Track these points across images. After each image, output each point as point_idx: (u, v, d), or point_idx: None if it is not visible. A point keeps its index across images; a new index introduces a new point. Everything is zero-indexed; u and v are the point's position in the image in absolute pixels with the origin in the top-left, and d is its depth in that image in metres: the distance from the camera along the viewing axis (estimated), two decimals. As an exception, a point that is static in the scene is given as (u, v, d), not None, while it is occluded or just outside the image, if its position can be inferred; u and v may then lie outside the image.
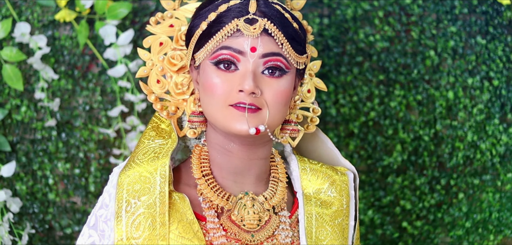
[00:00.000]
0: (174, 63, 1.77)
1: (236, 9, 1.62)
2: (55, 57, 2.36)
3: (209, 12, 1.64)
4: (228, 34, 1.60)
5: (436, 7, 2.39)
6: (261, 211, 1.68)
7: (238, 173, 1.69)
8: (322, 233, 1.70)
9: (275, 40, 1.60)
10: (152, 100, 1.77)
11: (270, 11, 1.62)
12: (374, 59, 2.40)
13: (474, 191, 2.44)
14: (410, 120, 2.42)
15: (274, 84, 1.61)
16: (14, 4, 2.33)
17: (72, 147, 2.39)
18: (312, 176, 1.76)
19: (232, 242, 1.65)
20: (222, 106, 1.60)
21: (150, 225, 1.61)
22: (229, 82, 1.60)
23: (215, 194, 1.66)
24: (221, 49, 1.61)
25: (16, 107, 2.36)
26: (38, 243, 2.39)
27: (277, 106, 1.62)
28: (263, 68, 1.61)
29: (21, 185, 2.38)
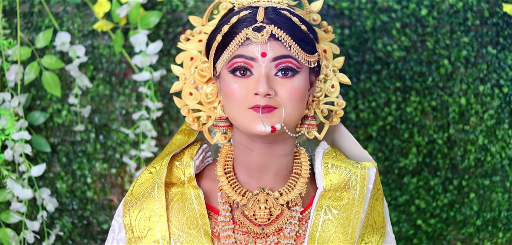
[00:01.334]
0: (203, 75, 1.84)
1: (246, 19, 1.69)
2: (94, 64, 2.42)
3: (223, 25, 1.72)
4: (239, 43, 1.67)
5: (450, 19, 2.40)
6: (274, 206, 1.73)
7: (258, 170, 1.77)
8: (329, 231, 1.71)
9: (283, 43, 1.67)
10: (185, 113, 1.84)
11: (277, 17, 1.69)
12: (392, 68, 2.42)
13: (484, 191, 2.45)
14: (425, 124, 2.43)
15: (287, 84, 1.68)
16: (56, 15, 2.41)
17: (109, 148, 2.45)
18: (332, 171, 1.78)
19: (239, 234, 1.72)
20: (242, 109, 1.68)
21: (150, 218, 1.73)
22: (245, 87, 1.68)
23: (233, 190, 1.75)
24: (235, 58, 1.68)
25: (58, 111, 2.43)
26: (77, 238, 2.47)
27: (292, 104, 1.68)
28: (275, 70, 1.68)
29: (61, 183, 2.46)
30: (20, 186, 2.32)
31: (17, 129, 2.31)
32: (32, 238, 2.35)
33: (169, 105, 2.43)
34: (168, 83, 2.42)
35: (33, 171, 2.33)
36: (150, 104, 2.38)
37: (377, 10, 2.42)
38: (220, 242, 1.72)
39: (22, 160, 2.35)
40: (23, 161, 2.34)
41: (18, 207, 2.34)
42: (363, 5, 2.42)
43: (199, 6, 2.41)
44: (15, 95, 2.35)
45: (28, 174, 2.35)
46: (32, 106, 2.43)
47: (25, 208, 2.34)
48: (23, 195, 2.32)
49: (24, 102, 2.39)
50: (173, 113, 2.44)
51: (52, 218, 2.46)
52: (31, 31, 2.41)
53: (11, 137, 2.28)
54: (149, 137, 2.41)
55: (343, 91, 2.44)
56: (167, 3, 2.41)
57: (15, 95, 2.34)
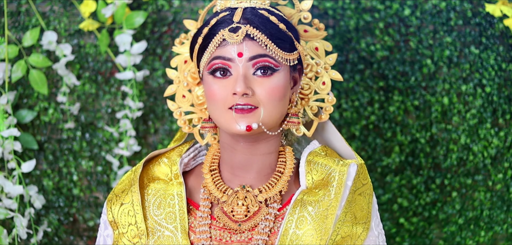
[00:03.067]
0: (195, 77, 1.87)
1: (224, 21, 1.71)
2: (81, 63, 2.44)
3: (203, 27, 1.74)
4: (217, 44, 1.69)
5: (433, 19, 2.41)
6: (252, 202, 1.76)
7: (241, 168, 1.79)
8: (303, 228, 1.70)
9: (259, 43, 1.68)
10: (177, 116, 1.89)
11: (253, 17, 1.70)
12: (375, 67, 2.42)
13: (466, 190, 2.46)
14: (407, 124, 2.44)
15: (265, 83, 1.69)
16: (43, 14, 2.43)
17: (95, 146, 2.47)
18: (315, 169, 1.78)
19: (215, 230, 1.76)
20: (222, 110, 1.71)
21: (128, 213, 1.77)
22: (225, 88, 1.70)
23: (215, 187, 1.79)
24: (214, 59, 1.70)
25: (44, 110, 2.46)
26: (63, 235, 2.49)
27: (271, 103, 1.69)
28: (253, 70, 1.69)
29: (48, 181, 2.48)
30: (10, 183, 2.34)
31: (7, 126, 2.33)
32: (24, 235, 2.37)
33: (155, 104, 2.45)
34: (153, 82, 2.45)
35: (24, 167, 2.35)
36: (131, 103, 2.40)
37: (360, 10, 2.43)
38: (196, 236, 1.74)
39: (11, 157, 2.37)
40: (12, 158, 2.37)
41: (9, 203, 2.36)
42: (347, 5, 2.43)
43: (184, 6, 2.44)
44: (3, 93, 2.37)
45: (18, 171, 2.37)
46: (20, 104, 2.46)
47: (16, 205, 2.36)
48: (14, 192, 2.34)
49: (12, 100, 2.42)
50: (158, 112, 2.47)
51: (39, 215, 2.49)
52: (19, 30, 2.43)
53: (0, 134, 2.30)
54: (127, 136, 2.43)
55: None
56: (152, 3, 2.43)
57: (4, 93, 2.37)
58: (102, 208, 2.44)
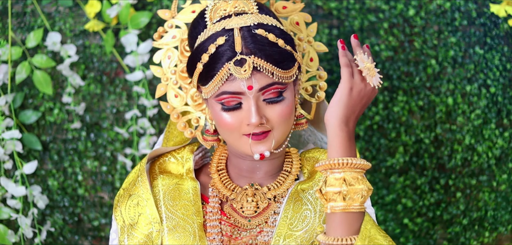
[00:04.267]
0: (185, 77, 1.84)
1: (225, 52, 1.67)
2: (86, 64, 2.45)
3: (201, 52, 1.70)
4: (224, 80, 1.67)
5: (437, 19, 2.42)
6: (261, 199, 1.78)
7: (249, 171, 1.83)
8: (300, 210, 1.73)
9: (266, 73, 1.66)
10: (175, 119, 1.86)
11: (255, 44, 1.67)
12: (379, 67, 2.42)
13: (471, 191, 2.46)
14: (412, 124, 2.44)
15: (276, 107, 1.70)
16: (49, 15, 2.44)
17: (100, 146, 2.48)
18: (308, 163, 1.83)
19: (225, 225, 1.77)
20: (236, 136, 1.72)
21: (138, 204, 1.77)
22: (237, 118, 1.70)
23: (223, 185, 1.81)
24: (222, 94, 1.68)
25: (49, 110, 2.47)
26: (68, 234, 2.51)
27: (283, 124, 1.72)
28: (263, 97, 1.69)
29: (53, 180, 2.49)
30: (13, 184, 2.35)
31: (3, 128, 2.34)
32: (30, 233, 2.39)
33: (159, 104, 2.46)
34: (158, 81, 2.45)
35: (25, 168, 2.37)
36: (145, 102, 2.41)
37: (365, 11, 2.43)
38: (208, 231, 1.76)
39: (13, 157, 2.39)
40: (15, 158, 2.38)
41: (14, 204, 2.38)
42: (351, 6, 2.43)
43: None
44: (2, 94, 2.38)
45: (20, 171, 2.38)
46: (25, 105, 2.47)
47: (20, 205, 2.37)
48: (17, 192, 2.36)
49: (16, 101, 2.43)
50: (162, 112, 2.48)
51: (43, 214, 2.50)
52: (24, 31, 2.44)
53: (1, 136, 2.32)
54: (148, 134, 2.44)
55: (331, 91, 2.46)
56: (157, 3, 2.44)
57: (2, 94, 2.38)
58: (107, 208, 2.50)
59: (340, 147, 1.60)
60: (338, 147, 1.60)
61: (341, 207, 1.58)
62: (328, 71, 2.45)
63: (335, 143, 1.60)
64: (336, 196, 1.58)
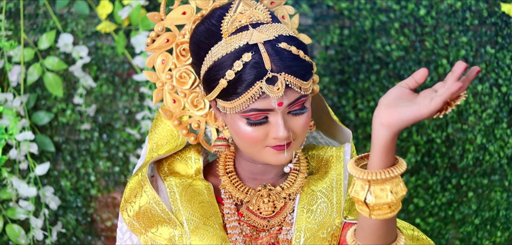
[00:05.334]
0: (183, 82, 1.82)
1: (253, 68, 1.65)
2: (98, 65, 2.47)
3: (225, 68, 1.67)
4: (254, 98, 1.65)
5: (448, 19, 2.42)
6: (277, 199, 1.80)
7: (259, 173, 1.83)
8: (315, 204, 1.77)
9: (294, 89, 1.66)
10: (175, 126, 1.84)
11: (282, 60, 1.66)
12: (390, 67, 2.43)
13: (483, 190, 2.46)
14: (423, 124, 2.44)
15: (299, 119, 1.71)
16: (61, 17, 2.46)
17: (112, 147, 2.49)
18: (311, 159, 1.87)
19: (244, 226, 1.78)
20: (259, 149, 1.72)
21: (152, 210, 1.74)
22: (263, 132, 1.70)
23: (235, 188, 1.81)
24: (251, 111, 1.67)
25: (62, 111, 2.48)
26: (81, 235, 2.52)
27: (304, 132, 1.74)
28: (288, 110, 1.70)
29: (66, 181, 2.50)
30: (26, 185, 2.37)
31: (19, 129, 2.36)
32: (41, 235, 2.41)
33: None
34: (169, 83, 2.46)
35: (38, 169, 2.39)
36: (151, 104, 2.42)
37: (376, 10, 2.44)
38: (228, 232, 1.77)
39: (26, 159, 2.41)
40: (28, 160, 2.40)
41: (25, 205, 2.39)
42: (362, 6, 2.43)
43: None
44: (17, 95, 2.39)
45: (33, 173, 2.40)
46: (38, 106, 2.48)
47: (32, 206, 2.39)
48: (28, 193, 2.37)
49: (29, 103, 2.45)
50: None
51: (56, 215, 2.51)
52: (37, 33, 2.46)
53: (14, 137, 2.33)
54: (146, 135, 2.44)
55: (342, 91, 2.46)
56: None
57: (17, 95, 2.39)
58: (119, 208, 2.47)
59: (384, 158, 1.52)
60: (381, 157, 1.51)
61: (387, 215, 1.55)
62: (339, 72, 2.45)
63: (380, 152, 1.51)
64: (384, 206, 1.54)
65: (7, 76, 2.40)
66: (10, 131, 2.33)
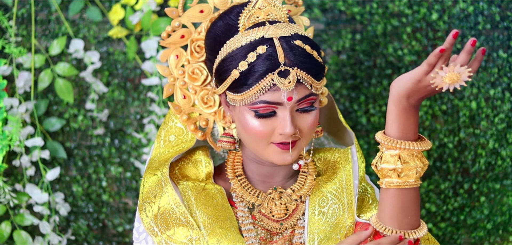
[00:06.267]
0: (195, 78, 1.84)
1: (266, 60, 1.67)
2: (110, 70, 2.47)
3: (238, 59, 1.69)
4: (265, 89, 1.67)
5: (460, 23, 2.41)
6: (289, 201, 1.81)
7: (268, 175, 1.84)
8: (326, 205, 1.79)
9: (305, 85, 1.68)
10: (184, 121, 1.85)
11: (296, 56, 1.68)
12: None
13: (495, 195, 2.46)
14: (435, 128, 2.44)
15: (307, 118, 1.73)
16: (73, 22, 2.45)
17: (124, 152, 2.50)
18: (317, 161, 1.89)
19: (258, 229, 1.79)
20: (263, 144, 1.73)
21: (171, 211, 1.74)
22: (269, 126, 1.71)
23: (246, 192, 1.81)
24: (260, 103, 1.68)
25: (74, 116, 2.48)
26: (93, 240, 2.52)
27: (311, 133, 1.75)
28: (297, 107, 1.71)
29: (77, 187, 2.51)
30: (39, 190, 2.37)
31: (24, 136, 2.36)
32: (55, 240, 2.42)
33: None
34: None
35: (48, 175, 2.39)
36: (157, 109, 2.42)
37: (388, 15, 2.43)
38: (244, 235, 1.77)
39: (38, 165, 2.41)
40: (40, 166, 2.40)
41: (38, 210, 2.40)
42: (374, 10, 2.43)
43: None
44: (23, 101, 2.39)
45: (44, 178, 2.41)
46: (50, 112, 2.48)
47: (46, 211, 2.39)
48: (41, 199, 2.37)
49: (40, 109, 2.45)
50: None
51: (68, 221, 2.52)
52: (49, 38, 2.45)
53: (23, 143, 2.33)
54: (152, 142, 2.44)
55: (354, 96, 2.46)
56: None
57: (23, 101, 2.39)
58: (131, 214, 2.51)
59: (396, 120, 1.62)
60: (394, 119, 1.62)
61: (396, 184, 1.63)
62: (351, 77, 2.45)
63: (392, 113, 1.62)
64: (391, 172, 1.62)
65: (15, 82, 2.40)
66: (10, 136, 2.33)
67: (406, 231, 1.66)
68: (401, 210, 1.65)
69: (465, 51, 1.56)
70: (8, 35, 2.41)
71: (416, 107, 1.63)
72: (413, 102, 1.61)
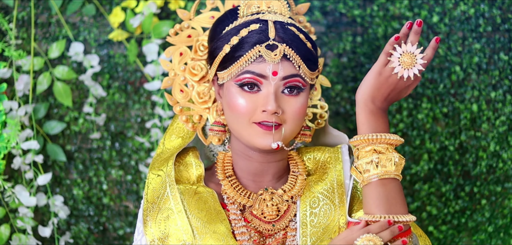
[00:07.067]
0: (195, 74, 1.89)
1: (257, 35, 1.72)
2: (110, 73, 2.47)
3: (231, 35, 1.75)
4: (251, 59, 1.71)
5: (461, 25, 2.42)
6: (280, 202, 1.81)
7: (257, 174, 1.84)
8: (317, 206, 1.79)
9: (293, 63, 1.71)
10: (177, 111, 1.90)
11: (287, 35, 1.73)
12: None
13: (496, 198, 2.46)
14: (436, 131, 2.45)
15: (293, 102, 1.74)
16: (73, 25, 2.45)
17: (124, 155, 2.50)
18: (307, 160, 1.89)
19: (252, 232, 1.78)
20: (246, 123, 1.74)
21: (168, 217, 1.75)
22: (252, 103, 1.73)
23: (237, 193, 1.81)
24: (245, 73, 1.72)
25: (74, 119, 2.48)
26: (93, 243, 2.52)
27: (295, 121, 1.75)
28: (283, 88, 1.73)
29: (78, 190, 2.50)
30: (27, 193, 2.36)
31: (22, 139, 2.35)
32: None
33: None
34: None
35: (40, 179, 2.38)
36: (161, 112, 2.42)
37: (389, 18, 2.43)
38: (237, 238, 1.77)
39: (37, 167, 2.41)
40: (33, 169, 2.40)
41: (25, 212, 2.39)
42: (375, 13, 2.43)
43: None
44: (22, 104, 2.39)
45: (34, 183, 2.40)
46: (50, 115, 2.47)
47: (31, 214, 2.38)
48: (29, 203, 2.36)
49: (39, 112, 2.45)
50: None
51: (68, 224, 2.51)
52: (49, 41, 2.45)
53: (20, 146, 2.33)
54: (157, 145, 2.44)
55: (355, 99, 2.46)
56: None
57: (22, 104, 2.39)
58: (132, 217, 2.51)
59: (365, 122, 1.69)
60: (363, 121, 1.69)
61: (375, 174, 1.67)
62: (351, 79, 2.45)
63: (360, 117, 1.69)
64: (368, 165, 1.67)
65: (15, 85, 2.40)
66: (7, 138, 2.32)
67: (395, 215, 1.67)
68: (385, 199, 1.68)
69: (413, 32, 1.66)
70: (8, 38, 2.41)
71: (384, 110, 1.69)
72: (379, 104, 1.68)
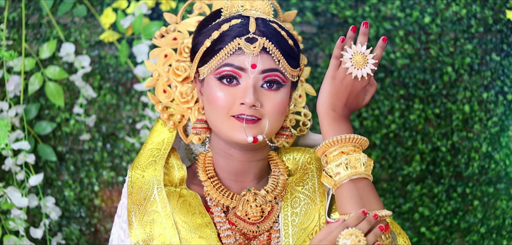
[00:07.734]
0: (178, 74, 1.89)
1: (237, 28, 1.72)
2: (101, 74, 2.47)
3: (212, 30, 1.75)
4: (231, 52, 1.71)
5: (453, 26, 2.42)
6: (264, 203, 1.79)
7: (239, 174, 1.81)
8: (298, 206, 1.79)
9: (273, 57, 1.71)
10: (159, 110, 1.90)
11: (268, 30, 1.72)
12: (395, 75, 2.43)
13: (488, 199, 2.46)
14: (428, 132, 2.45)
15: (272, 97, 1.72)
16: (64, 26, 2.46)
17: (116, 156, 2.50)
18: (287, 161, 1.88)
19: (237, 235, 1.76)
20: (224, 117, 1.72)
21: (154, 221, 1.73)
22: (231, 96, 1.72)
23: (220, 194, 1.79)
24: (224, 66, 1.71)
25: (65, 120, 2.48)
26: (85, 244, 2.53)
27: (275, 116, 1.73)
28: (262, 82, 1.72)
29: (69, 191, 2.50)
30: (19, 194, 2.36)
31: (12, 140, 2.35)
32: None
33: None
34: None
35: (31, 180, 2.37)
36: (150, 113, 2.42)
37: (380, 18, 2.44)
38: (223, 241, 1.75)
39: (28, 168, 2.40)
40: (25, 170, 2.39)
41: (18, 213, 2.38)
42: (367, 14, 2.44)
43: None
44: (13, 105, 2.39)
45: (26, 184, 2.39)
46: (41, 116, 2.47)
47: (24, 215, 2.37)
48: (21, 204, 2.36)
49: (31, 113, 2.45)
50: (177, 121, 2.48)
51: (60, 225, 2.51)
52: (40, 42, 2.45)
53: (10, 146, 2.33)
54: None
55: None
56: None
57: (13, 105, 2.39)
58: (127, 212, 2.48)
59: (330, 129, 1.71)
60: (327, 129, 1.71)
61: (346, 176, 1.68)
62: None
63: (324, 126, 1.71)
64: (338, 168, 1.68)
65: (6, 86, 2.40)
66: None
67: (370, 211, 1.67)
68: (359, 198, 1.68)
69: (361, 33, 1.72)
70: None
71: (346, 117, 1.71)
72: (340, 111, 1.70)
